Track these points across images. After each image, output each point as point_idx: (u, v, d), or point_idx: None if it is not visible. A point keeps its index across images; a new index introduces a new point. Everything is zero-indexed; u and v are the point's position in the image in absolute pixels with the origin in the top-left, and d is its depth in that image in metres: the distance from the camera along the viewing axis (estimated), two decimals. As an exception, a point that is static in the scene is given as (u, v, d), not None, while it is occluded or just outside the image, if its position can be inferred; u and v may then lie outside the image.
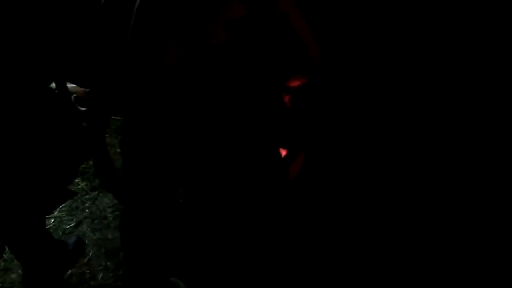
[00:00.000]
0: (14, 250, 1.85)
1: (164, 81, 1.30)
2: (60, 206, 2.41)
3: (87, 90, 2.41)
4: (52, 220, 2.31)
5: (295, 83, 1.50)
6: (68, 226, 2.27)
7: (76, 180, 2.59)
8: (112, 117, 2.32)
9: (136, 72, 1.33)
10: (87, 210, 2.38)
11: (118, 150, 2.21)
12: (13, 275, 1.98)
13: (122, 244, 1.72)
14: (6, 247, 2.08)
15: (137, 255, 1.73)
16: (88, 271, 1.99)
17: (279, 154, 1.63)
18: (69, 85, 2.21)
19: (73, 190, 2.53)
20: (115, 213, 2.32)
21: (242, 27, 1.24)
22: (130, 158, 1.49)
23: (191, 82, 1.31)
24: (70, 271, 1.99)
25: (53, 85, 2.22)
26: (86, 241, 2.15)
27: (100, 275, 1.96)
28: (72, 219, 2.32)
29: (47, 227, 2.26)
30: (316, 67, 1.48)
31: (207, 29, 1.21)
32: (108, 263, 2.02)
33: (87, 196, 2.49)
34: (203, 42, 1.22)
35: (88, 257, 2.06)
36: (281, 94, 1.51)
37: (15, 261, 1.98)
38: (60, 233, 2.23)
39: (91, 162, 2.69)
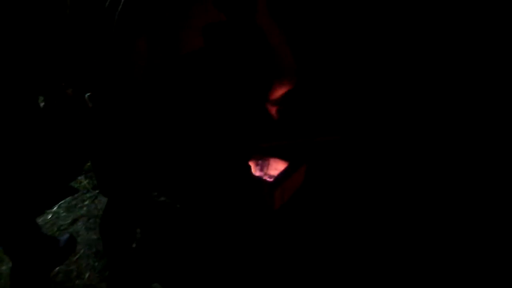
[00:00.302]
0: (2, 243, 1.85)
1: (138, 83, 1.28)
2: (60, 202, 2.43)
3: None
4: (50, 216, 2.33)
5: (278, 93, 1.46)
6: (64, 223, 2.28)
7: (79, 178, 2.61)
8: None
9: (116, 70, 1.31)
10: (85, 208, 2.38)
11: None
12: (4, 267, 1.99)
13: (104, 243, 1.71)
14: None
15: (118, 256, 1.71)
16: (75, 270, 1.97)
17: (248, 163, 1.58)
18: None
19: (75, 187, 2.55)
20: (112, 213, 2.31)
21: (218, 32, 1.21)
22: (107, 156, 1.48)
23: (166, 88, 1.29)
24: (58, 268, 1.98)
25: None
26: (79, 239, 2.14)
27: (87, 275, 1.94)
28: (69, 216, 2.32)
29: (44, 222, 2.28)
30: (295, 78, 1.43)
31: (178, 31, 1.19)
32: (96, 264, 2.00)
33: (87, 194, 2.49)
34: (174, 45, 1.19)
35: (78, 256, 2.05)
36: (262, 104, 1.47)
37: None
38: (55, 229, 2.24)
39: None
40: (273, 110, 1.51)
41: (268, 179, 2.20)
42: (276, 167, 2.24)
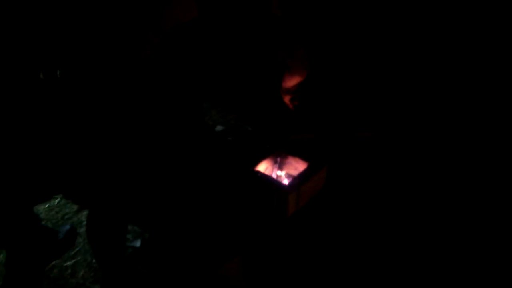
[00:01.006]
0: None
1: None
2: (69, 188, 2.33)
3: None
4: (57, 202, 2.23)
5: (291, 82, 1.29)
6: (70, 211, 2.17)
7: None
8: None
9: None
10: (93, 196, 2.26)
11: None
12: (1, 256, 1.91)
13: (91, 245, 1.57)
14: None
15: (107, 262, 1.57)
16: (71, 266, 1.85)
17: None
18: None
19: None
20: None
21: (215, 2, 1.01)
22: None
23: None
24: (54, 262, 1.88)
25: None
26: (80, 231, 2.03)
27: (81, 273, 1.82)
28: (75, 205, 2.22)
29: (50, 209, 2.18)
30: (307, 68, 1.25)
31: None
32: (93, 260, 1.87)
33: (98, 181, 2.37)
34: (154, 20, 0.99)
35: (76, 250, 1.93)
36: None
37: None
38: (59, 217, 2.13)
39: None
40: (286, 98, 1.45)
41: (285, 181, 1.96)
42: (296, 166, 1.99)
